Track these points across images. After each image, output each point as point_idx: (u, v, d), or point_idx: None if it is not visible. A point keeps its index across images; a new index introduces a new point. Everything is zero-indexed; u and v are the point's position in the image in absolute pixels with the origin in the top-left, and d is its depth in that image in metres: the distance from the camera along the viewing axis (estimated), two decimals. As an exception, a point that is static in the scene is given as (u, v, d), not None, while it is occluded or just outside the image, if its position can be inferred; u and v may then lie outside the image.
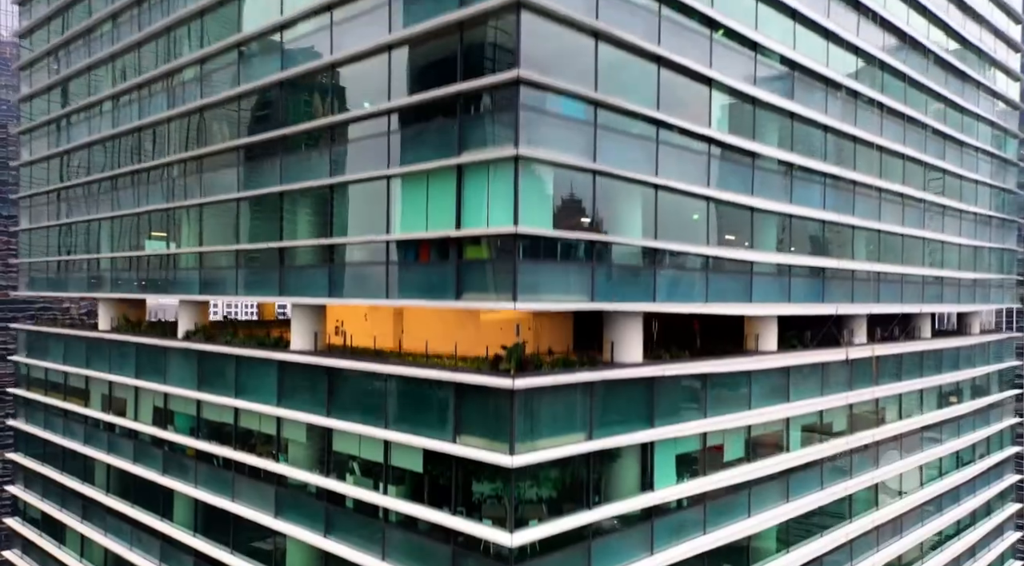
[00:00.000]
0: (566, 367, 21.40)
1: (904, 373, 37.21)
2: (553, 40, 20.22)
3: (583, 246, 21.23)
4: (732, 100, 26.31)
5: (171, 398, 31.91)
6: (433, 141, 21.34)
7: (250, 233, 28.13)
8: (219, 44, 28.81)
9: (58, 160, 41.11)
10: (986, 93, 44.86)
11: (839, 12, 31.01)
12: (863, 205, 33.63)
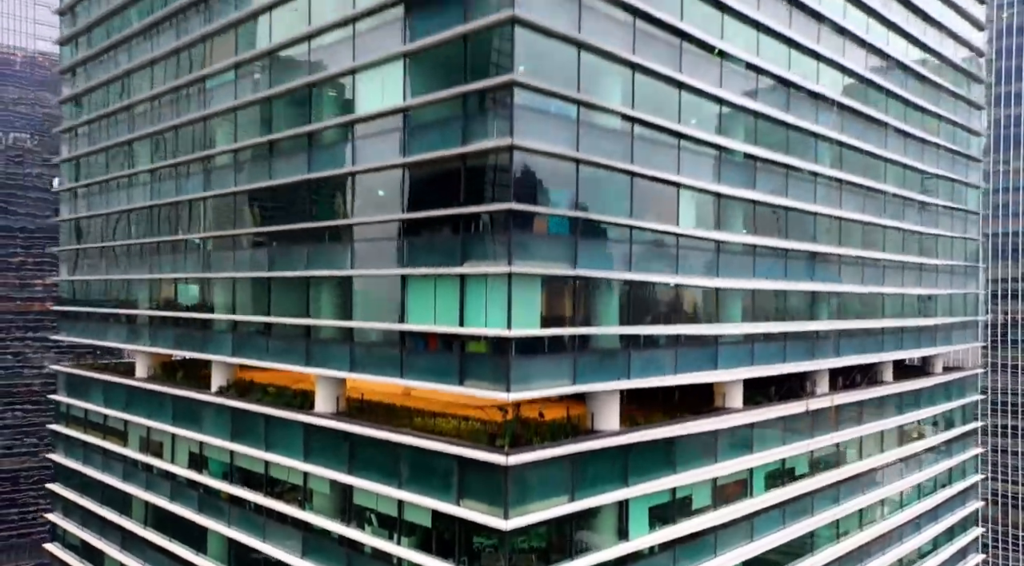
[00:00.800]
0: (553, 439, 25.38)
1: (865, 417, 41.13)
2: (540, 167, 24.19)
3: (566, 338, 25.21)
4: (701, 196, 30.29)
5: (206, 445, 35.96)
6: (440, 249, 25.35)
7: (279, 307, 32.13)
8: (251, 141, 32.87)
9: (99, 219, 45.19)
10: (946, 152, 48.76)
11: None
12: (823, 271, 37.59)
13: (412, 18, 26.02)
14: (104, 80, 43.81)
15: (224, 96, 34.54)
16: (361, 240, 28.41)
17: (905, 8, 43.18)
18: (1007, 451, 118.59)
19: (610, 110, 26.19)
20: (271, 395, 33.48)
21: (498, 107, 23.27)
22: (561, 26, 24.06)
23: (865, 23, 39.54)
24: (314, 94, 30.18)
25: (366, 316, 28.26)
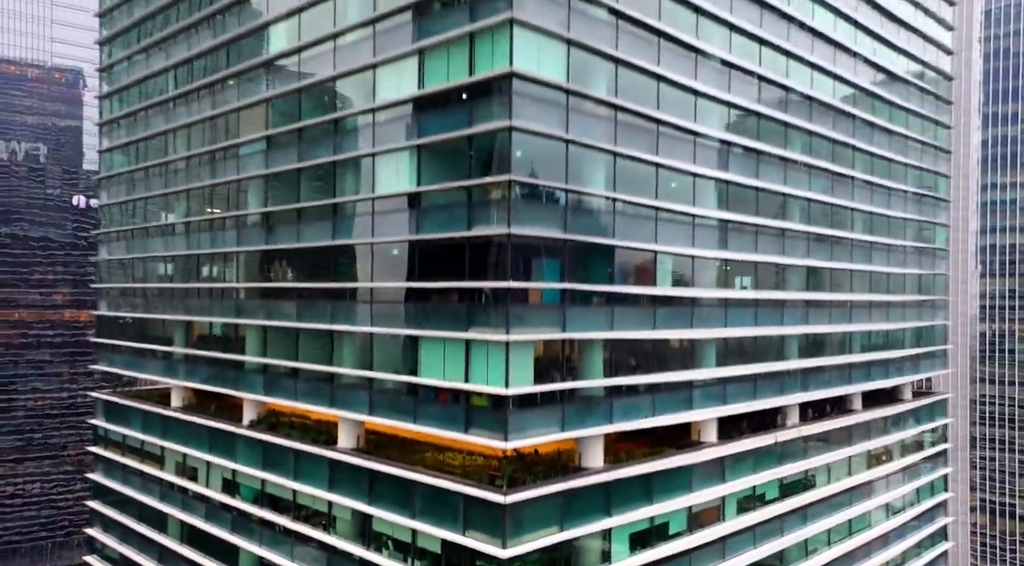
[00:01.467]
0: (545, 478, 29.60)
1: (833, 444, 45.27)
2: (534, 247, 28.45)
3: (556, 391, 29.45)
4: (677, 259, 34.53)
5: (238, 473, 40.29)
6: (448, 315, 29.63)
7: (306, 354, 36.44)
8: (283, 206, 37.22)
9: (137, 262, 49.63)
10: (913, 196, 52.84)
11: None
12: (792, 315, 41.74)
13: (422, 116, 30.33)
14: (141, 137, 48.24)
15: (256, 164, 38.91)
16: (379, 301, 32.70)
17: (873, 70, 47.38)
18: (995, 460, 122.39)
19: (594, 194, 30.45)
20: (298, 429, 37.78)
21: (499, 200, 27.53)
22: (553, 129, 28.33)
23: (831, 84, 43.72)
24: (338, 170, 34.52)
25: (383, 367, 32.55)
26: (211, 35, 41.77)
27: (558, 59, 28.70)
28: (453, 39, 28.69)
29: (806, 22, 41.18)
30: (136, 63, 49.54)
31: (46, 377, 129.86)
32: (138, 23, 48.59)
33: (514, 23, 26.68)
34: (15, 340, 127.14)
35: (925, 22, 52.85)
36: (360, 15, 33.11)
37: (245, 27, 39.19)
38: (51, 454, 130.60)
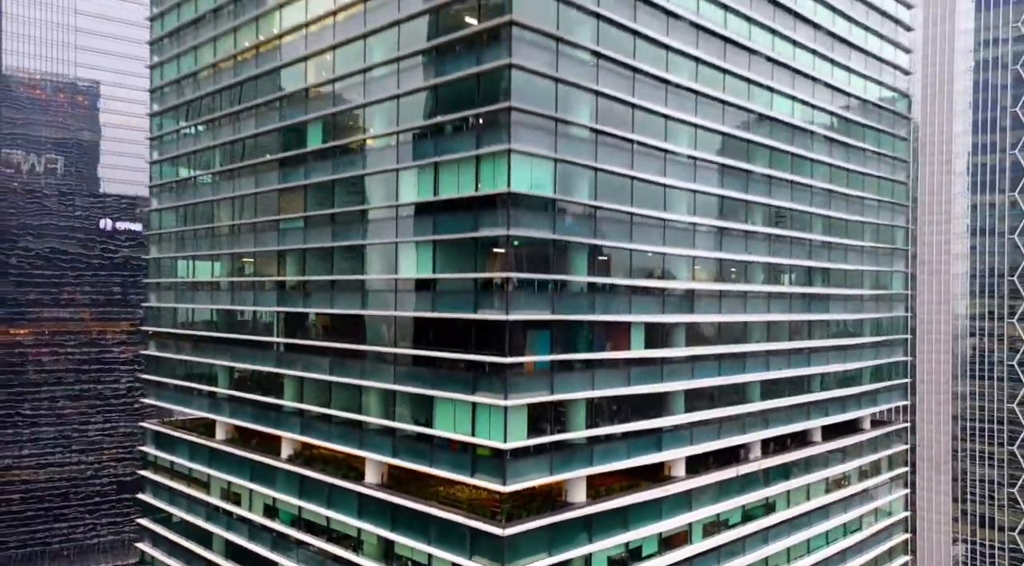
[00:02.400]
0: (537, 513, 36.34)
1: (793, 474, 51.87)
2: (530, 330, 35.19)
3: (547, 444, 36.20)
4: (650, 327, 41.24)
5: (278, 500, 47.17)
6: (459, 380, 36.41)
7: (337, 402, 43.26)
8: (318, 277, 44.14)
9: (185, 310, 56.64)
10: (871, 250, 59.44)
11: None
12: (754, 364, 48.36)
13: (437, 217, 37.17)
14: (189, 202, 55.28)
15: (295, 238, 45.82)
16: (401, 364, 39.51)
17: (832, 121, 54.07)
18: (975, 473, 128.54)
19: (577, 279, 37.24)
20: (331, 465, 44.60)
21: (497, 293, 34.33)
22: (543, 232, 35.12)
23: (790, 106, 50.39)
24: (366, 251, 41.37)
25: (404, 419, 39.38)
26: (254, 125, 48.69)
27: (547, 175, 35.49)
28: (462, 159, 35.54)
29: (766, 52, 47.51)
30: (184, 137, 56.55)
31: (72, 390, 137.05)
32: (189, 101, 55.60)
33: (511, 152, 33.49)
34: (44, 356, 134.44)
35: (881, 47, 58.98)
36: (386, 126, 40.00)
37: (288, 122, 46.09)
38: (77, 462, 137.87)
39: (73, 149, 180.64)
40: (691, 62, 42.68)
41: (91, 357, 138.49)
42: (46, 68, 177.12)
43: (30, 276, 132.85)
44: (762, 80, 47.54)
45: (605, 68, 37.95)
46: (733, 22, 45.08)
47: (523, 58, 33.75)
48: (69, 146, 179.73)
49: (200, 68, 53.64)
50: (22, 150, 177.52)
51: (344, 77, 42.35)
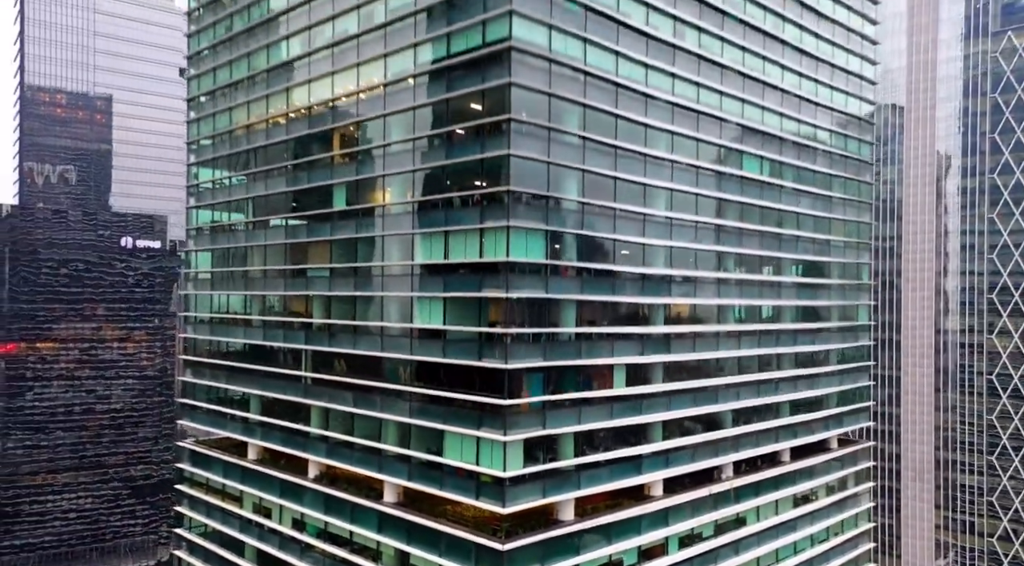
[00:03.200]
0: (532, 530, 42.70)
1: (763, 491, 58.10)
2: (521, 371, 41.57)
3: (540, 471, 42.57)
4: (631, 366, 47.56)
5: (305, 515, 53.60)
6: (466, 417, 42.78)
7: (359, 431, 49.67)
8: (341, 321, 50.56)
9: (220, 342, 63.14)
10: (837, 287, 65.70)
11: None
12: (725, 395, 54.62)
13: (448, 277, 43.61)
14: (223, 246, 61.79)
15: (321, 285, 52.27)
16: (416, 401, 45.91)
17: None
18: (957, 482, 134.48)
19: (565, 330, 43.64)
20: (353, 485, 51.02)
21: (498, 344, 40.73)
22: (536, 292, 41.53)
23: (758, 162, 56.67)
24: (385, 302, 47.81)
25: (418, 447, 45.80)
26: (284, 184, 55.19)
27: (540, 244, 41.88)
28: (468, 230, 41.97)
29: (735, 119, 53.91)
30: (219, 188, 63.13)
31: (97, 401, 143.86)
32: (224, 157, 62.19)
33: (510, 228, 39.90)
34: (69, 368, 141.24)
35: (846, 101, 65.32)
36: (402, 195, 46.50)
37: (315, 184, 52.58)
38: (102, 471, 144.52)
39: (87, 160, 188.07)
40: (668, 136, 49.10)
41: (112, 369, 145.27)
42: (64, 84, 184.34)
43: (56, 292, 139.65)
44: (733, 145, 53.90)
45: (591, 148, 44.35)
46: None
47: (520, 148, 40.17)
48: (85, 157, 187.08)
49: (234, 128, 60.14)
50: (39, 162, 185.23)
51: (366, 149, 48.85)
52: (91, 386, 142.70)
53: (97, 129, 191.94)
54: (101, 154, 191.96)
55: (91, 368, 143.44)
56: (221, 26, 61.36)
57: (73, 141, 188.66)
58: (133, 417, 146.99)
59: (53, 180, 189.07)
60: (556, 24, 41.70)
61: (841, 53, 64.66)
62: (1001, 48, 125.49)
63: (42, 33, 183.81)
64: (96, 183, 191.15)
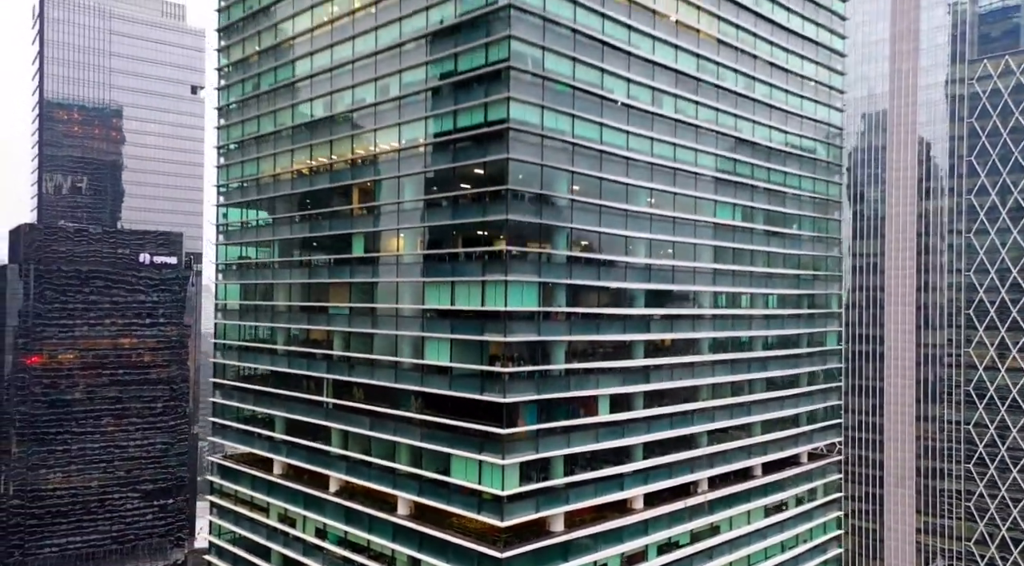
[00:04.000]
0: (526, 539, 49.43)
1: (735, 503, 64.79)
2: (518, 403, 48.34)
3: (534, 489, 49.32)
4: (615, 396, 54.30)
5: (327, 525, 60.40)
6: (469, 442, 49.55)
7: (376, 451, 56.43)
8: (359, 354, 57.37)
9: (247, 368, 69.98)
10: (806, 317, 72.41)
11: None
12: (701, 418, 61.32)
13: (455, 321, 50.40)
14: (251, 281, 68.61)
15: (340, 322, 59.07)
16: (426, 427, 52.65)
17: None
18: (936, 488, 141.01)
19: (555, 368, 50.43)
20: (370, 499, 57.79)
21: (497, 380, 47.50)
22: (530, 337, 48.29)
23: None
24: (399, 340, 54.58)
25: (428, 467, 52.57)
26: (308, 229, 62.02)
27: (533, 294, 48.63)
28: (471, 282, 48.76)
29: (708, 173, 60.77)
30: (247, 229, 70.00)
31: (114, 409, 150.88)
32: (251, 201, 69.06)
33: (508, 283, 46.68)
34: (90, 379, 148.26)
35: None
36: (414, 247, 53.32)
37: (335, 232, 59.43)
38: (120, 475, 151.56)
39: (100, 172, 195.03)
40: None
41: (131, 379, 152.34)
42: (80, 100, 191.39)
43: (79, 307, 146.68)
44: (707, 195, 60.70)
45: (578, 207, 51.10)
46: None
47: (516, 212, 46.94)
48: (97, 169, 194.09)
49: (261, 175, 66.99)
50: (52, 173, 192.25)
51: (382, 205, 55.68)
52: (110, 395, 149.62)
53: (110, 143, 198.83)
54: (113, 166, 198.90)
55: (110, 378, 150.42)
56: (249, 83, 68.22)
57: (85, 153, 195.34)
58: (148, 424, 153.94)
59: (64, 191, 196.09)
60: (548, 105, 48.48)
61: (810, 104, 71.39)
62: (977, 75, 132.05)
63: (60, 53, 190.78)
64: (109, 195, 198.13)
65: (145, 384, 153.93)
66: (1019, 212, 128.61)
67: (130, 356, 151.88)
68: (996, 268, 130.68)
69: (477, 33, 48.25)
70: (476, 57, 48.44)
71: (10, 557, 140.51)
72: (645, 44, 55.35)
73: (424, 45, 52.05)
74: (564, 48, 49.39)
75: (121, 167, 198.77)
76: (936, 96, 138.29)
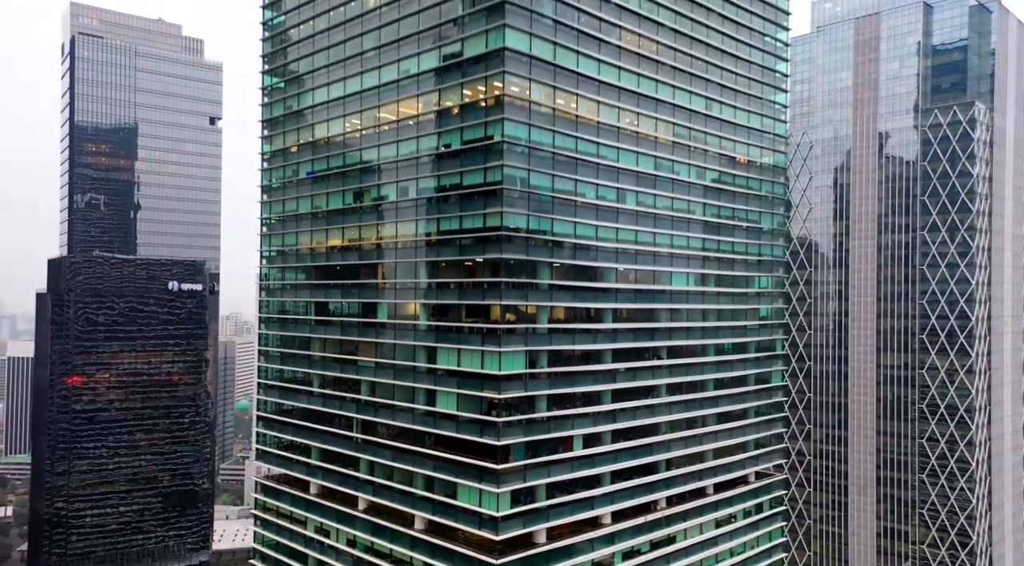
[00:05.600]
0: (517, 550, 63.60)
1: (689, 517, 79.00)
2: (509, 445, 62.63)
3: (522, 511, 63.51)
4: (589, 435, 68.61)
5: (357, 536, 74.64)
6: (471, 473, 63.77)
7: (398, 478, 70.64)
8: (383, 400, 71.76)
9: (287, 405, 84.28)
10: (754, 350, 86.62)
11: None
12: (659, 448, 75.51)
13: (461, 379, 64.65)
14: (289, 335, 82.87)
15: (367, 372, 73.34)
16: (438, 460, 66.81)
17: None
18: (894, 496, 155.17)
19: (541, 415, 64.70)
20: (393, 516, 71.97)
21: (493, 426, 61.72)
22: (520, 394, 62.60)
23: (684, 320, 77.67)
24: (416, 391, 68.76)
25: (439, 493, 66.80)
26: (339, 295, 76.30)
27: (522, 359, 62.80)
28: (473, 350, 62.92)
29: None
30: (286, 289, 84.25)
31: (145, 425, 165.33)
32: (291, 267, 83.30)
33: (501, 354, 60.84)
34: (124, 398, 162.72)
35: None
36: (427, 319, 67.56)
37: (363, 299, 73.66)
38: (147, 484, 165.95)
39: (123, 197, 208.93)
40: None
41: (159, 396, 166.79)
42: (106, 130, 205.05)
43: (113, 331, 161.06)
44: (663, 268, 75.02)
45: (557, 290, 65.33)
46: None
47: (508, 297, 61.14)
48: (119, 194, 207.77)
49: (299, 247, 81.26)
50: (88, 193, 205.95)
51: (399, 283, 69.91)
52: (140, 411, 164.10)
53: (133, 173, 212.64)
54: (135, 192, 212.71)
55: (141, 396, 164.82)
56: (289, 169, 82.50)
57: (110, 181, 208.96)
58: (176, 437, 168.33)
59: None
60: (532, 213, 62.69)
61: (756, 181, 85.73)
62: (929, 123, 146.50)
63: (88, 89, 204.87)
64: (131, 220, 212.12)
65: (172, 400, 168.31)
66: (965, 247, 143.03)
67: (159, 375, 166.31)
68: (946, 299, 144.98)
69: (477, 158, 62.45)
70: (476, 176, 62.67)
71: (50, 559, 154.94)
72: (611, 154, 69.56)
73: (435, 161, 66.29)
74: (545, 168, 63.58)
75: (140, 192, 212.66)
76: (894, 140, 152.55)
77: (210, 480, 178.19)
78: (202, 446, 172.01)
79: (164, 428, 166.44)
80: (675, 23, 75.07)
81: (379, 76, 70.88)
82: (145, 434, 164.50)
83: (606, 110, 68.86)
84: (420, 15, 66.66)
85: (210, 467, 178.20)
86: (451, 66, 64.50)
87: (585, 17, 66.48)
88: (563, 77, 64.80)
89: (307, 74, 79.19)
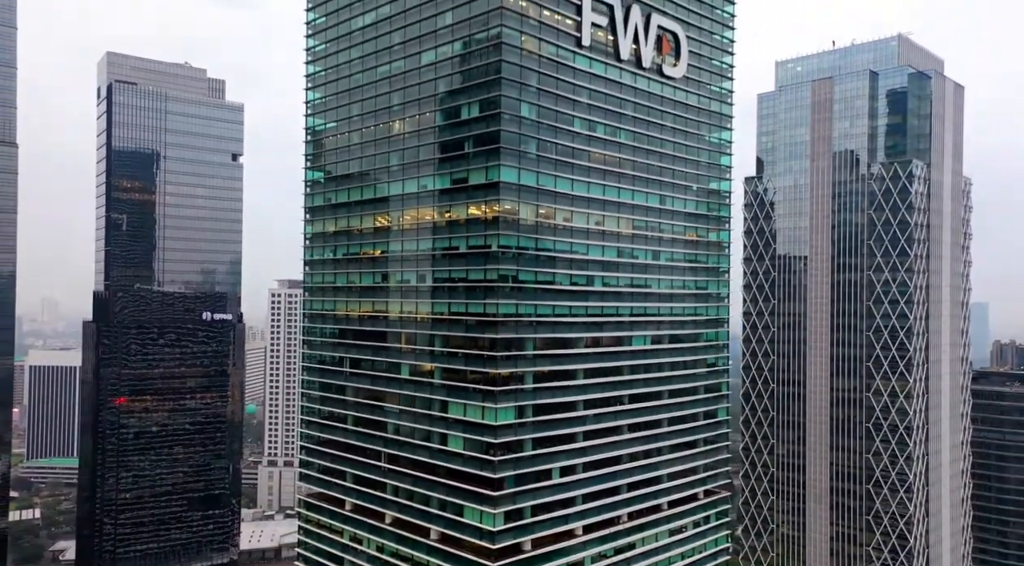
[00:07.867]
0: (509, 556, 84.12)
1: (646, 528, 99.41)
2: (503, 478, 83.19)
3: (513, 526, 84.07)
4: (568, 457, 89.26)
5: (384, 544, 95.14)
6: (475, 499, 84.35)
7: (416, 500, 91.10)
8: (406, 439, 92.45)
9: (326, 438, 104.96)
10: (702, 392, 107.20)
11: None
12: (620, 474, 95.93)
13: (465, 426, 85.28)
14: (326, 381, 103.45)
15: (393, 416, 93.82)
16: (450, 488, 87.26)
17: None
18: (844, 505, 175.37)
19: (528, 455, 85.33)
20: (415, 530, 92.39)
21: (491, 463, 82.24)
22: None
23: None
24: (431, 432, 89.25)
25: (450, 511, 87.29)
26: (370, 353, 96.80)
27: (511, 413, 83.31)
28: (474, 405, 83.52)
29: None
30: (324, 346, 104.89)
31: (183, 440, 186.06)
32: (328, 327, 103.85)
33: (498, 409, 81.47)
34: (164, 417, 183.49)
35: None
36: (441, 378, 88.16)
37: (387, 358, 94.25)
38: (183, 490, 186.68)
39: (152, 229, 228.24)
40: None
41: (195, 413, 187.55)
42: (139, 164, 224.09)
43: (156, 357, 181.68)
44: (625, 333, 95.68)
45: (539, 356, 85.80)
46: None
47: (502, 366, 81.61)
48: (150, 226, 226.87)
49: (336, 312, 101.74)
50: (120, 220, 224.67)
51: (417, 349, 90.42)
52: (177, 427, 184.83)
53: (162, 206, 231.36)
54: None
55: (179, 414, 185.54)
56: (328, 250, 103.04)
57: (142, 215, 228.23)
58: (210, 451, 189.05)
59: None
60: (519, 301, 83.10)
61: (702, 255, 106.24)
62: (875, 176, 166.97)
63: (123, 132, 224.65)
64: (159, 251, 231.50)
65: (204, 417, 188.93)
66: (904, 286, 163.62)
67: (195, 395, 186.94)
68: (888, 331, 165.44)
69: (478, 260, 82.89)
70: (478, 273, 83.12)
71: (102, 560, 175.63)
72: (582, 248, 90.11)
73: (446, 258, 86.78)
74: (530, 266, 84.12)
75: (166, 224, 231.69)
76: (844, 191, 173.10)
77: (236, 486, 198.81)
78: (229, 457, 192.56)
79: (199, 442, 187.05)
80: (633, 140, 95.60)
81: (403, 187, 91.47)
82: (183, 448, 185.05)
83: (578, 216, 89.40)
84: (435, 145, 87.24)
85: (236, 475, 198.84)
86: (458, 189, 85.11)
87: (561, 146, 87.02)
88: (544, 196, 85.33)
89: (343, 176, 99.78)
